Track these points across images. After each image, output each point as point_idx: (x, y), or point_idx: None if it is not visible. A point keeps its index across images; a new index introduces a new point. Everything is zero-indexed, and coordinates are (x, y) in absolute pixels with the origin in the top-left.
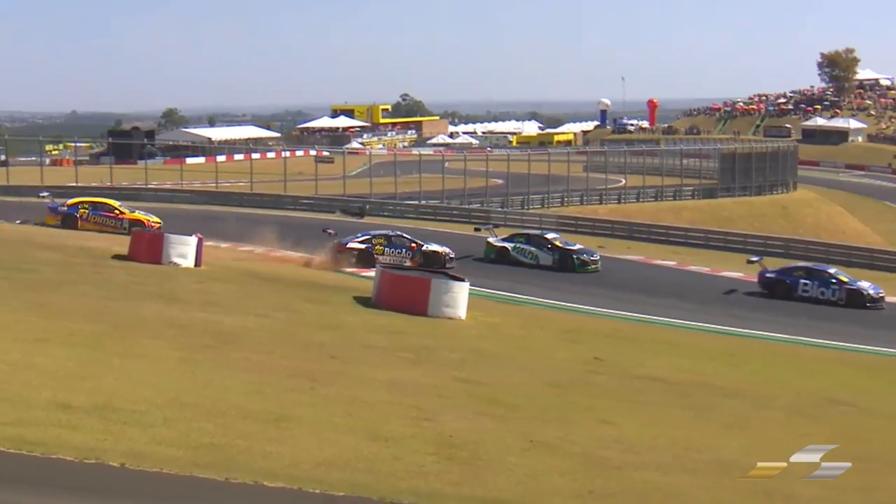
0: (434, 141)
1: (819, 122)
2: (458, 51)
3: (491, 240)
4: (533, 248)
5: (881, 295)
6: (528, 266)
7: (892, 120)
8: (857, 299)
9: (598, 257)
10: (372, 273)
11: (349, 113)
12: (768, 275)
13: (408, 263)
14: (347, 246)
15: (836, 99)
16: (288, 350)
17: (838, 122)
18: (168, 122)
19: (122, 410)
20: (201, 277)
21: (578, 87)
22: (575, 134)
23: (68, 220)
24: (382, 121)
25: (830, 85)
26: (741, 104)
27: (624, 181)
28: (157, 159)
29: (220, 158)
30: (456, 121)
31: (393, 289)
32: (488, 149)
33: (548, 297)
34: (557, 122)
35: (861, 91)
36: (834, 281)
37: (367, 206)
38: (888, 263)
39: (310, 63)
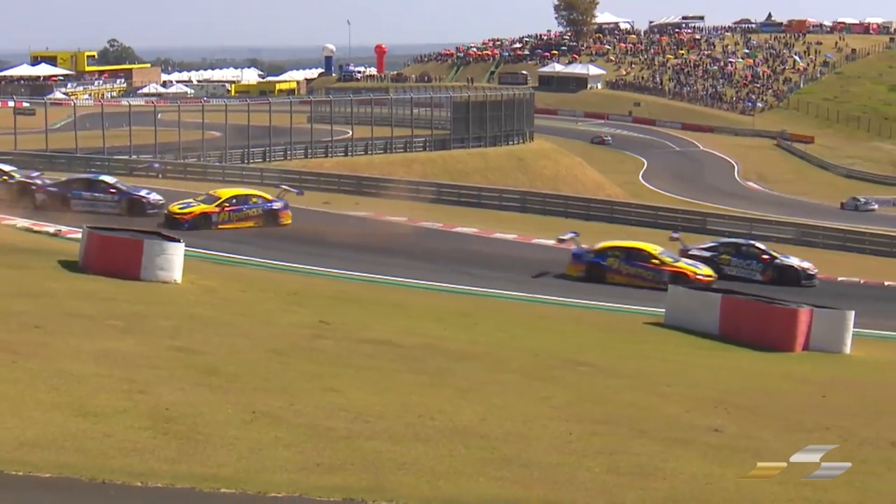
0: (145, 90)
1: (557, 68)
2: None
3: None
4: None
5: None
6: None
7: (633, 66)
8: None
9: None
10: (78, 234)
11: (51, 60)
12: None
13: (758, 278)
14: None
15: (575, 44)
16: None
17: (577, 69)
18: None
19: None
20: None
21: (301, 32)
22: (298, 82)
23: None
24: (88, 69)
25: (568, 29)
26: (475, 50)
27: (351, 132)
28: None
29: None
30: (169, 69)
31: (102, 251)
32: (204, 99)
33: (269, 257)
34: (279, 70)
35: (600, 36)
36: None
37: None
38: (627, 216)
39: (5, 4)
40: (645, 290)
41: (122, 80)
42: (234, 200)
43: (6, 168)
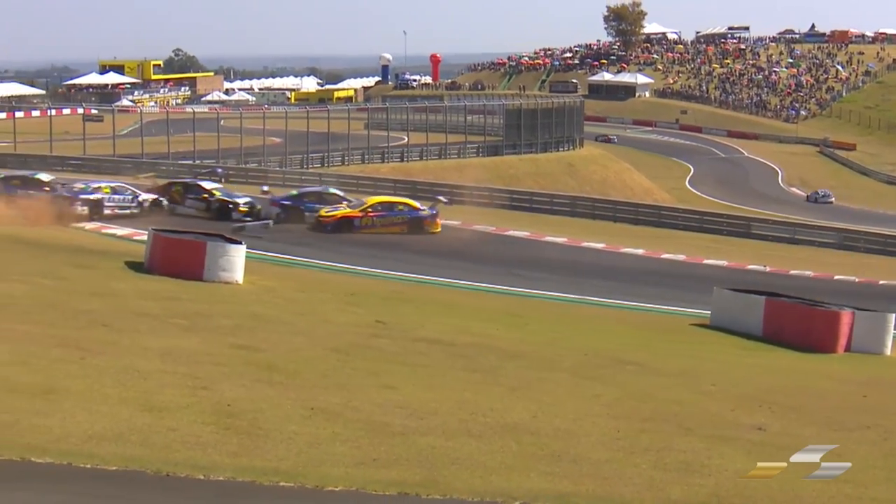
0: (209, 98)
1: (606, 76)
2: (232, 3)
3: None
4: None
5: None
6: None
7: (679, 75)
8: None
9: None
10: (144, 236)
11: (119, 69)
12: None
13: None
14: None
15: (623, 53)
16: (55, 319)
17: (625, 77)
18: None
19: None
20: None
21: (359, 42)
22: (355, 90)
23: None
24: (154, 77)
25: (617, 39)
26: (526, 59)
27: (406, 139)
28: None
29: None
30: (231, 77)
31: (166, 253)
32: (265, 106)
33: (326, 258)
34: (337, 78)
35: (648, 45)
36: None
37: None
38: (675, 221)
39: (76, 16)
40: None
41: (187, 88)
42: (379, 207)
43: (208, 186)
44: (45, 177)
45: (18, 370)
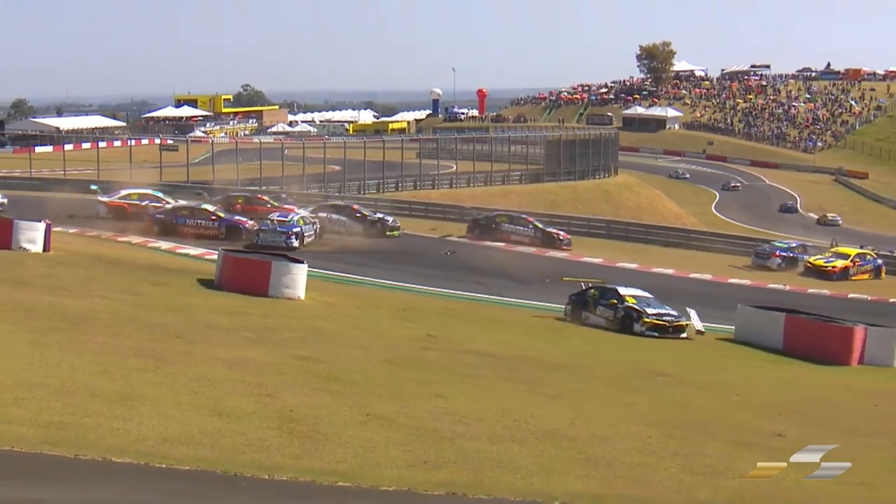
0: (274, 129)
1: (638, 110)
2: (297, 43)
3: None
4: None
5: None
6: None
7: (706, 109)
8: None
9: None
10: (215, 255)
11: (192, 103)
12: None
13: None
14: None
15: (654, 89)
16: (134, 331)
17: (656, 111)
18: (17, 112)
19: None
20: (50, 262)
21: (411, 78)
22: (408, 122)
23: None
24: (224, 110)
25: (649, 76)
26: (566, 94)
27: (455, 167)
28: (7, 148)
29: (68, 147)
30: (295, 110)
31: (235, 271)
32: (326, 137)
33: (382, 277)
34: (392, 111)
35: (677, 82)
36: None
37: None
38: (702, 243)
39: (154, 55)
40: None
41: (254, 121)
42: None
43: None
44: (210, 206)
45: (100, 378)
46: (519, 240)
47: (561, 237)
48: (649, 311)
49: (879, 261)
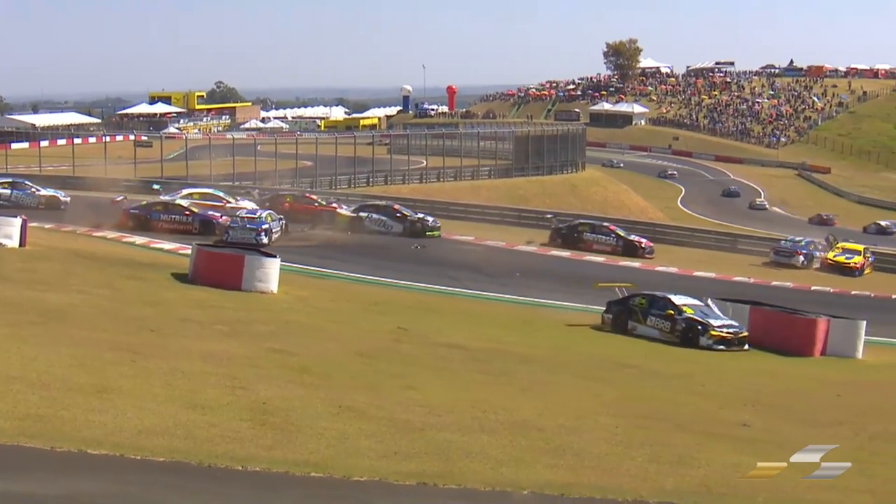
0: (247, 126)
1: (605, 106)
2: (269, 41)
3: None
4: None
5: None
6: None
7: (672, 105)
8: None
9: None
10: (189, 250)
11: (166, 100)
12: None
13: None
14: None
15: (621, 85)
16: (110, 325)
17: (623, 107)
18: None
19: None
20: (26, 257)
21: (382, 75)
22: (379, 118)
23: None
24: (198, 107)
25: (615, 72)
26: (534, 90)
27: (425, 162)
28: None
29: (44, 144)
30: (267, 107)
31: (208, 265)
32: (298, 133)
33: (355, 271)
34: (363, 108)
35: (643, 78)
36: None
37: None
38: (667, 236)
39: (128, 53)
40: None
41: (227, 117)
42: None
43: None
44: (183, 202)
45: (76, 371)
46: (601, 249)
47: (643, 245)
48: (714, 322)
49: (872, 257)
